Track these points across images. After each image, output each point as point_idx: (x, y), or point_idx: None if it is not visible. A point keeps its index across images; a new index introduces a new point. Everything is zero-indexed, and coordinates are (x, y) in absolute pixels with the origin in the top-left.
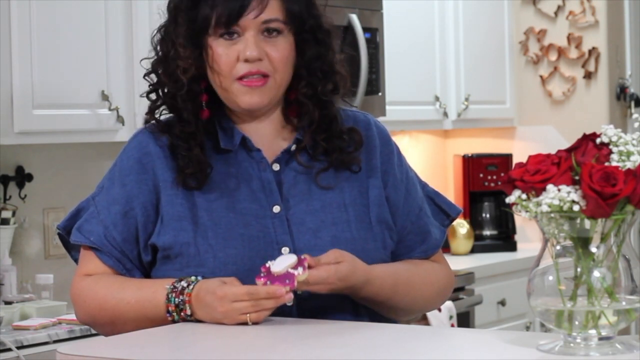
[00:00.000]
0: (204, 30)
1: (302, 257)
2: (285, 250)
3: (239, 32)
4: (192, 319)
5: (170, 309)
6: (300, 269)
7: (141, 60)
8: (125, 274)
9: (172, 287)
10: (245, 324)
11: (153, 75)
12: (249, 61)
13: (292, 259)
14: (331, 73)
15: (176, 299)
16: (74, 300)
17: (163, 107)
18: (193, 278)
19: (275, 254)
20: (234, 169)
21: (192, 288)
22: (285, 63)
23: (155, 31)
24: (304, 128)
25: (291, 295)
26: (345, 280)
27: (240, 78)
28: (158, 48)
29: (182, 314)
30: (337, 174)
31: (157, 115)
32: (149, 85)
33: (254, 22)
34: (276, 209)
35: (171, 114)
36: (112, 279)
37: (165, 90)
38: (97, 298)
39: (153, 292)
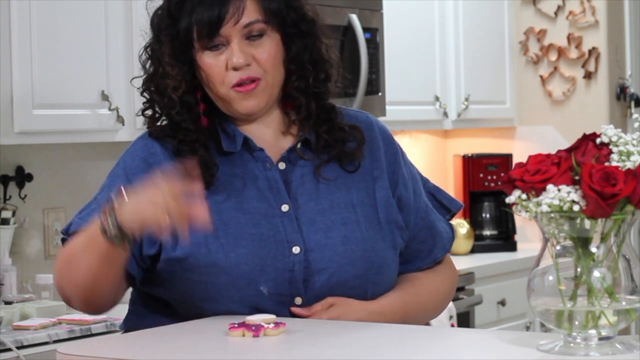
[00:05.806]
0: (189, 45)
1: (282, 322)
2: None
3: (224, 42)
4: (117, 225)
5: (102, 226)
6: (272, 325)
7: (132, 80)
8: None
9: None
10: None
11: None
12: (237, 69)
13: (270, 316)
14: (321, 62)
15: (101, 216)
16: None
17: (162, 118)
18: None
19: (287, 253)
20: (239, 169)
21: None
22: (273, 63)
23: (142, 50)
24: (304, 122)
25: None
26: (340, 318)
27: (234, 85)
28: (147, 66)
29: (105, 223)
30: (340, 171)
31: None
32: (143, 103)
33: (235, 29)
34: (284, 207)
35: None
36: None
37: (161, 105)
38: (61, 254)
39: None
